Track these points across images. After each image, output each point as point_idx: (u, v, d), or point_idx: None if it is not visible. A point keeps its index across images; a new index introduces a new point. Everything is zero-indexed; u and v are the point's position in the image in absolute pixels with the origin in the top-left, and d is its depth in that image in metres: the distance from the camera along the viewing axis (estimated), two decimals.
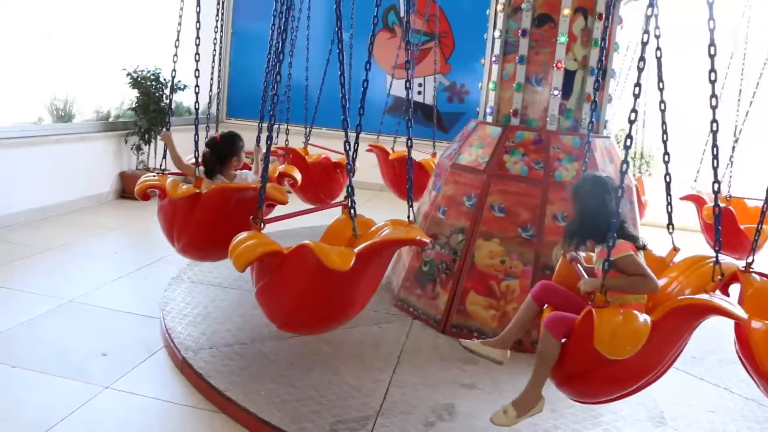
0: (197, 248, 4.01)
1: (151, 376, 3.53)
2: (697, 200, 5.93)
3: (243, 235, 2.89)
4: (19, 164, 6.18)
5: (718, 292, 2.72)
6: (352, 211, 3.14)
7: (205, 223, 3.77)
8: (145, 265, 5.27)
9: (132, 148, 7.70)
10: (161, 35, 6.88)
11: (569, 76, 4.39)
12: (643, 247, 2.89)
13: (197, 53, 4.22)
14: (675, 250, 3.16)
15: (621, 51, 5.42)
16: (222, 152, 4.15)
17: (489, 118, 4.69)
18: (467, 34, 7.69)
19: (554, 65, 4.37)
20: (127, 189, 7.63)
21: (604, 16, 4.23)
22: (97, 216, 6.84)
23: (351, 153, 3.25)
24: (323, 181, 5.84)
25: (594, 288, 2.63)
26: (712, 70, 2.65)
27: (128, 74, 7.44)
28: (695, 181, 6.20)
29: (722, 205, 5.42)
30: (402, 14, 9.54)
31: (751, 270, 2.99)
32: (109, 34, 7.36)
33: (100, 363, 3.57)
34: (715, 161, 2.86)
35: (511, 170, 4.24)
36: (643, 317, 2.48)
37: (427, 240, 3.04)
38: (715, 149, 2.81)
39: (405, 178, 3.36)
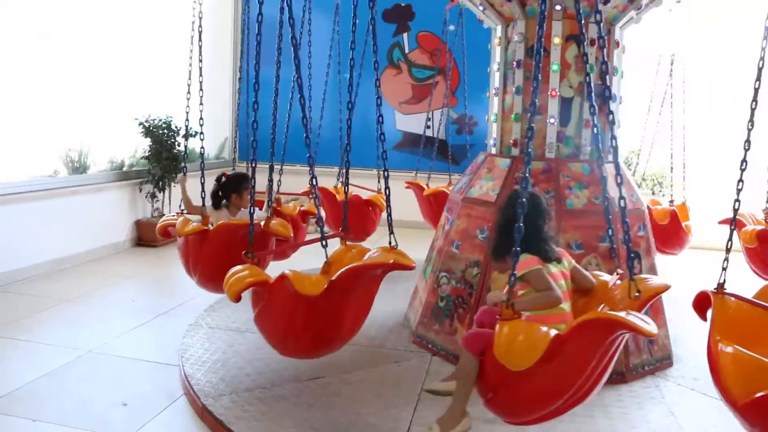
0: (210, 281, 4.24)
1: (171, 425, 3.52)
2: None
3: (236, 268, 3.27)
4: (37, 217, 6.27)
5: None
6: (324, 243, 3.40)
7: (213, 257, 4.15)
8: (163, 312, 5.29)
9: (146, 196, 7.78)
10: (171, 83, 7.02)
11: (566, 103, 4.42)
12: (557, 260, 3.01)
13: (201, 103, 4.55)
14: (618, 274, 3.14)
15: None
16: (225, 189, 4.80)
17: (494, 150, 4.72)
18: (473, 66, 7.75)
19: (549, 93, 4.40)
20: (142, 237, 7.71)
21: (597, 41, 4.26)
22: (114, 265, 6.89)
23: (345, 188, 3.79)
24: (355, 219, 5.91)
25: (498, 300, 2.73)
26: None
27: (140, 123, 7.55)
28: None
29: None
30: (407, 50, 9.66)
31: (724, 291, 2.98)
32: (120, 85, 7.49)
33: (120, 413, 3.57)
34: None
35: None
36: (546, 329, 2.49)
37: (410, 263, 3.18)
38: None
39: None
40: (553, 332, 2.48)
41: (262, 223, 4.21)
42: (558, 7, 4.29)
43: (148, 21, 7.86)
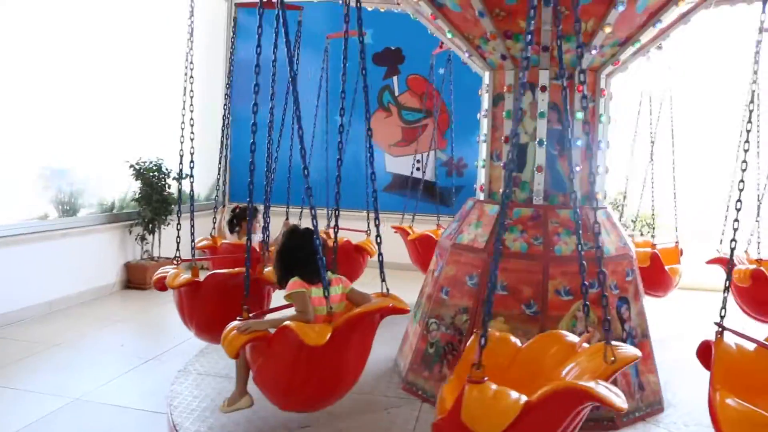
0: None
1: None
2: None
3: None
4: (27, 260, 6.26)
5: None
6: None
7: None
8: (152, 357, 5.26)
9: (136, 239, 7.78)
10: (162, 125, 7.08)
11: (521, 148, 4.52)
12: (326, 283, 3.30)
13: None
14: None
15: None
16: (237, 217, 6.03)
17: (482, 196, 4.83)
18: (464, 109, 7.86)
19: (501, 139, 4.65)
20: (132, 279, 7.68)
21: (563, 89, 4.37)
22: (104, 307, 6.86)
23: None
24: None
25: (243, 326, 3.24)
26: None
27: (131, 166, 7.58)
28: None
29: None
30: (397, 93, 9.78)
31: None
32: (111, 126, 7.53)
33: None
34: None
35: (510, 247, 4.27)
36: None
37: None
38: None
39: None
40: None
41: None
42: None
43: (140, 64, 7.93)
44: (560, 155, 4.47)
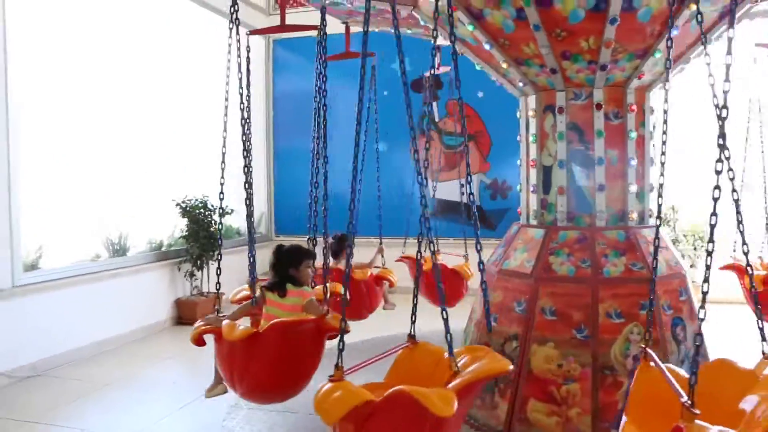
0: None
1: None
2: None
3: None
4: (80, 300, 6.40)
5: None
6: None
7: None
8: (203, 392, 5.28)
9: (185, 275, 7.88)
10: (206, 161, 7.18)
11: (546, 171, 4.53)
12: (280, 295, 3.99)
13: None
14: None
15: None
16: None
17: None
18: (503, 131, 7.85)
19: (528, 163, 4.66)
20: (182, 315, 7.79)
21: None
22: (155, 345, 6.95)
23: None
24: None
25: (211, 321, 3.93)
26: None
27: (177, 204, 7.71)
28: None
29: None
30: (437, 119, 9.79)
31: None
32: (157, 166, 7.72)
33: None
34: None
35: (558, 271, 4.20)
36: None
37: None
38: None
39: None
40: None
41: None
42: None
43: (184, 103, 8.11)
44: (587, 176, 4.43)
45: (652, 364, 2.98)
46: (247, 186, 4.29)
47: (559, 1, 3.86)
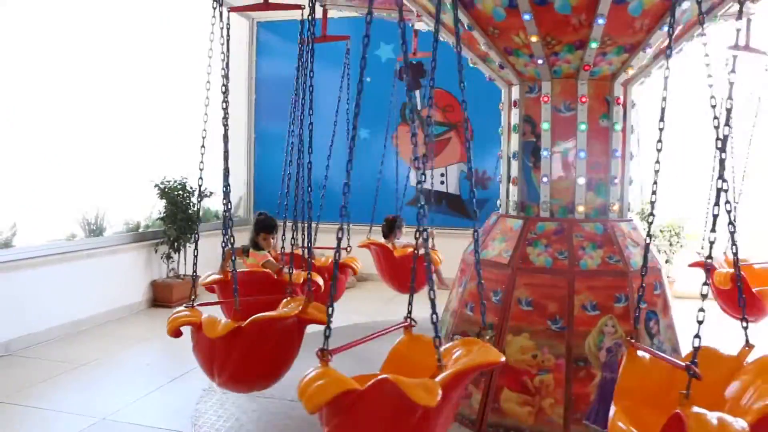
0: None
1: None
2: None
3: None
4: (54, 280, 6.34)
5: None
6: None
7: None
8: (178, 376, 5.27)
9: (162, 257, 7.83)
10: (186, 143, 7.12)
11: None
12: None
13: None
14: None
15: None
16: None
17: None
18: (483, 122, 7.83)
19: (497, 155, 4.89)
20: (158, 297, 7.75)
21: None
22: (130, 326, 6.91)
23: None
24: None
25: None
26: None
27: (156, 185, 7.64)
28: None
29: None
30: (419, 107, 9.77)
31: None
32: (135, 147, 7.62)
33: None
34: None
35: (535, 262, 4.22)
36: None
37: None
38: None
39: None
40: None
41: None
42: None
43: (163, 83, 8.02)
44: (534, 167, 4.49)
45: (639, 353, 3.02)
46: (224, 162, 4.23)
47: None
